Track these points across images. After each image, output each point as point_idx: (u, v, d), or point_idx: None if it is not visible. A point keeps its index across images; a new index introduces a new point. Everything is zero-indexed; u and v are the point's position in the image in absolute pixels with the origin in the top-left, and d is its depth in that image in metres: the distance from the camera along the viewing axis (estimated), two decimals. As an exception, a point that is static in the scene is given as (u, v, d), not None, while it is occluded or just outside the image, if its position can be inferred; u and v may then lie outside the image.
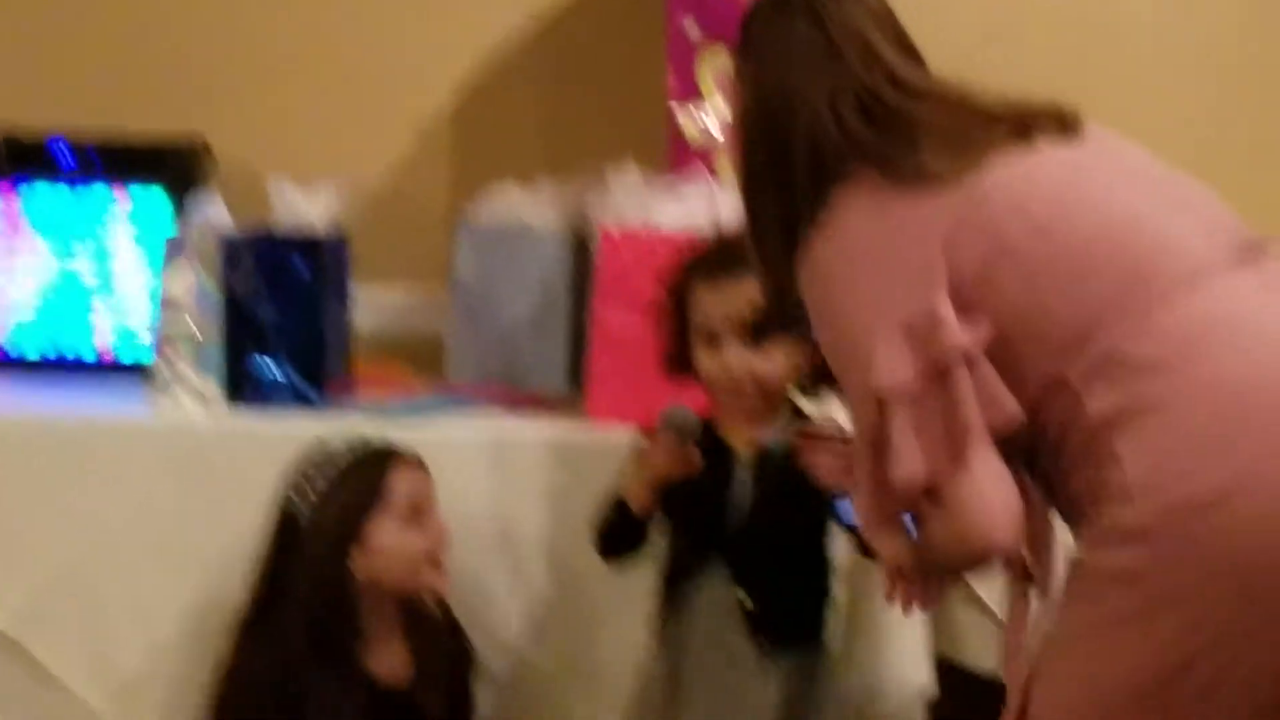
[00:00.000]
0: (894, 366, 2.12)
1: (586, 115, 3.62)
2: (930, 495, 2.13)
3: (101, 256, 3.48)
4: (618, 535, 2.85)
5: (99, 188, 3.47)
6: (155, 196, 3.45)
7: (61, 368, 3.48)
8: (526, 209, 3.36)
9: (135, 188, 3.46)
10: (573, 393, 3.29)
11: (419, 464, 2.90)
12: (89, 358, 3.49)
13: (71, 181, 3.47)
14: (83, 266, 3.48)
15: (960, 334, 2.10)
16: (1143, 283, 2.08)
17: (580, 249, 3.32)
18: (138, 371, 3.27)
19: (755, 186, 2.36)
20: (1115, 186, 2.18)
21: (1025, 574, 2.28)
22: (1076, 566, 2.10)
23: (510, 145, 3.65)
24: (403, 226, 3.64)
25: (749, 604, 2.77)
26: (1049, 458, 2.13)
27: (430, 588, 2.90)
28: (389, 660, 2.88)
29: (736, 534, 2.78)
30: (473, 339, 3.37)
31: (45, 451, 3.08)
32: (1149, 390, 2.03)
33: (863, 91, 2.26)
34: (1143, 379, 2.04)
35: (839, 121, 2.25)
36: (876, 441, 2.15)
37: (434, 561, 2.87)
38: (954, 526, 2.11)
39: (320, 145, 3.64)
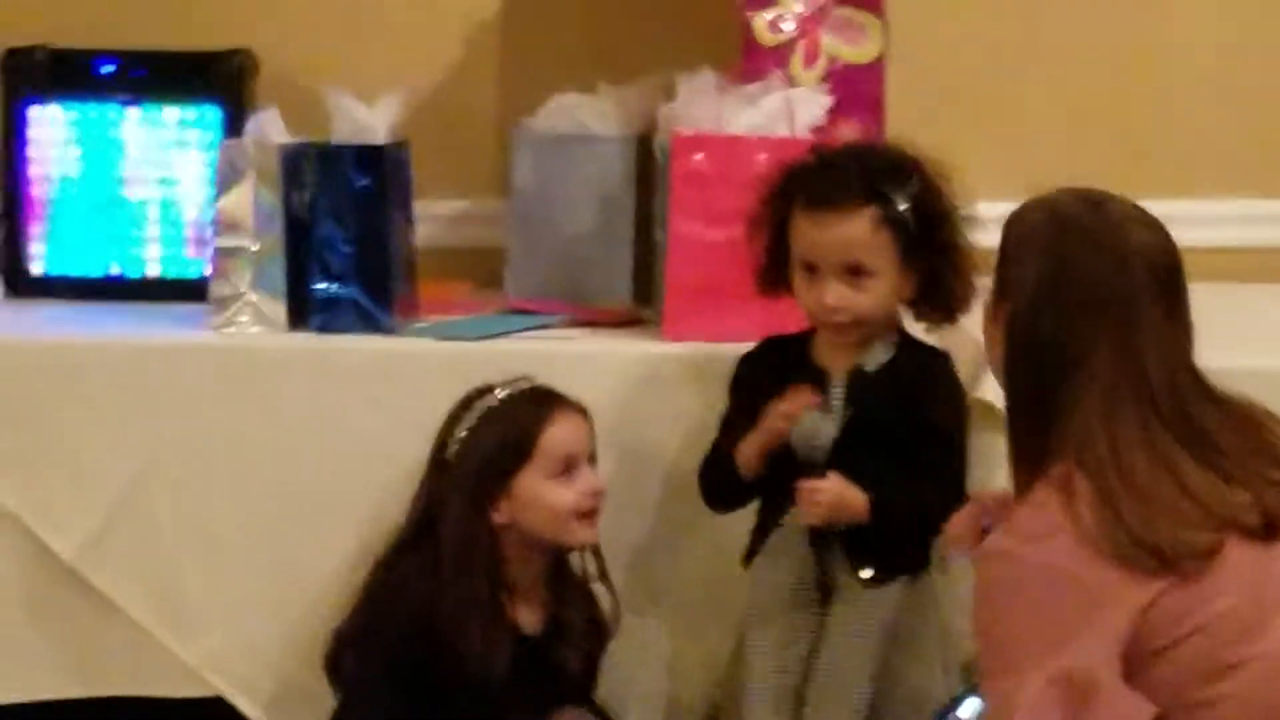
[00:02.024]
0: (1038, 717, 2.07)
1: (648, 18, 3.48)
2: None
3: (153, 175, 3.37)
4: (726, 492, 2.78)
5: (147, 104, 3.37)
6: (205, 112, 3.36)
7: (117, 289, 3.37)
8: (586, 115, 3.25)
9: (184, 103, 3.37)
10: (640, 307, 3.20)
11: (579, 413, 2.79)
12: (146, 278, 3.39)
13: (119, 99, 3.37)
14: (135, 185, 3.37)
15: (1119, 709, 2.06)
16: None
17: (645, 157, 3.21)
18: (196, 293, 3.16)
19: (1013, 403, 2.24)
20: None
21: None
22: None
23: (567, 51, 3.51)
24: (456, 136, 3.52)
25: (841, 527, 2.68)
26: None
27: (579, 543, 2.80)
28: (529, 612, 2.79)
29: (828, 457, 2.68)
30: (532, 252, 3.27)
31: (103, 375, 3.01)
32: None
33: (1141, 381, 2.13)
34: None
35: (1109, 414, 2.12)
36: None
37: (584, 515, 2.77)
38: None
39: (368, 55, 3.50)
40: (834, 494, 2.63)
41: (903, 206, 2.66)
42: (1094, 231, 2.19)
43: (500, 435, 2.74)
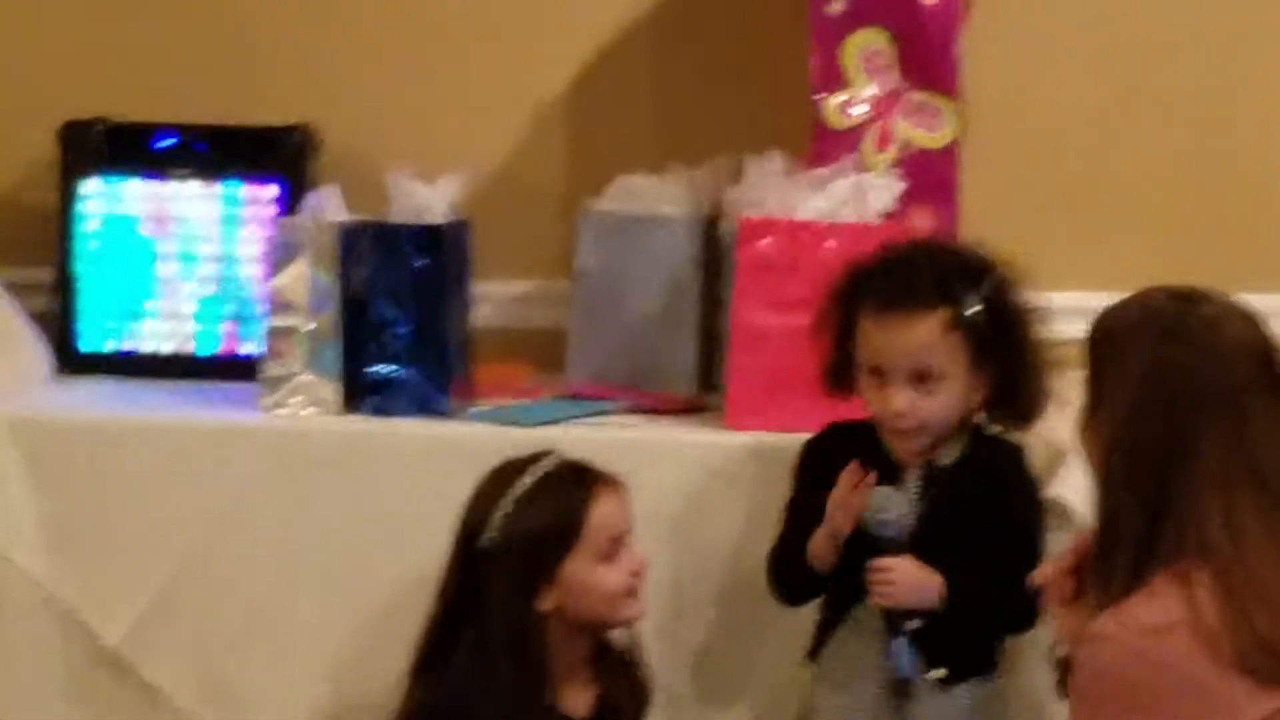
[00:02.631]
0: None
1: (716, 100, 3.40)
2: None
3: (210, 251, 3.32)
4: (798, 585, 2.70)
5: (206, 180, 3.32)
6: (265, 188, 3.31)
7: (170, 366, 3.31)
8: (653, 197, 3.20)
9: (244, 179, 3.31)
10: (703, 395, 3.13)
11: (619, 488, 2.68)
12: (197, 355, 3.33)
13: (178, 174, 3.32)
14: (191, 262, 3.32)
15: None
16: None
17: (711, 241, 3.15)
18: (249, 372, 3.11)
19: (1111, 513, 2.17)
20: None
21: None
22: None
23: (633, 132, 3.45)
24: (519, 216, 3.45)
25: (915, 626, 2.59)
26: None
27: (629, 622, 2.69)
28: (576, 695, 2.67)
29: (903, 538, 2.59)
30: (595, 335, 3.22)
31: (153, 456, 2.96)
32: None
33: (1256, 476, 2.09)
34: None
35: (1228, 509, 2.07)
36: None
37: (631, 594, 2.66)
38: None
39: (432, 133, 3.44)
40: (909, 574, 2.56)
41: (974, 309, 2.58)
42: (1191, 331, 2.15)
43: (545, 520, 2.61)
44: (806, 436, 2.76)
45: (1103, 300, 3.18)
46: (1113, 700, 2.05)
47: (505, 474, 2.66)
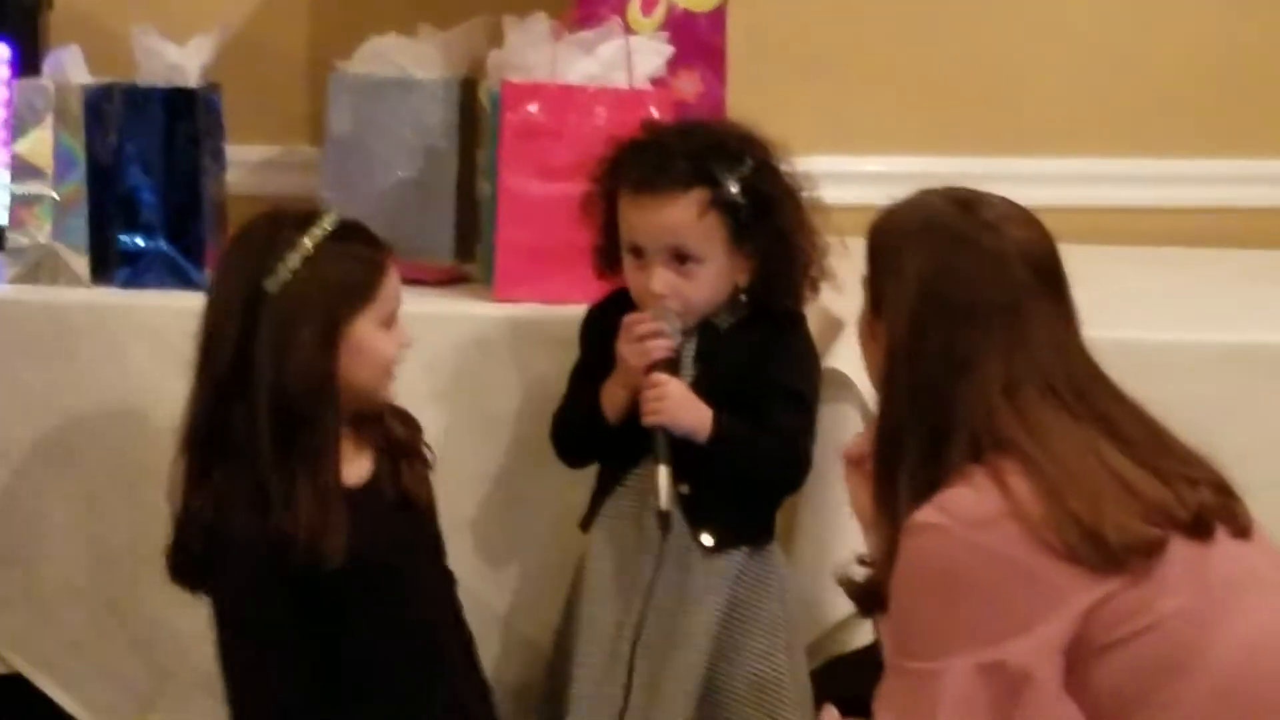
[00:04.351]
0: (963, 712, 1.99)
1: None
2: None
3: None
4: (587, 442, 2.66)
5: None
6: (-6, 47, 3.17)
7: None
8: (406, 59, 3.11)
9: (-28, 37, 3.17)
10: (462, 264, 3.08)
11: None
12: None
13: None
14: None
15: (1052, 710, 1.99)
16: None
17: (468, 105, 3.08)
18: (-11, 243, 2.99)
19: (893, 422, 2.12)
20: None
21: None
22: None
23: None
24: (266, 78, 3.37)
25: (684, 489, 2.57)
26: None
27: (386, 399, 2.55)
28: (348, 465, 2.50)
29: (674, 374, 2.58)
30: (348, 202, 3.04)
31: (-111, 333, 2.83)
32: None
33: (1040, 377, 2.06)
34: None
35: (1019, 410, 2.04)
36: None
37: (394, 370, 2.53)
38: None
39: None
40: (680, 391, 2.54)
41: (733, 189, 2.55)
42: (970, 235, 2.10)
43: (346, 271, 2.46)
44: (574, 307, 2.74)
45: (860, 164, 3.27)
46: (940, 590, 2.03)
47: (284, 222, 2.49)
